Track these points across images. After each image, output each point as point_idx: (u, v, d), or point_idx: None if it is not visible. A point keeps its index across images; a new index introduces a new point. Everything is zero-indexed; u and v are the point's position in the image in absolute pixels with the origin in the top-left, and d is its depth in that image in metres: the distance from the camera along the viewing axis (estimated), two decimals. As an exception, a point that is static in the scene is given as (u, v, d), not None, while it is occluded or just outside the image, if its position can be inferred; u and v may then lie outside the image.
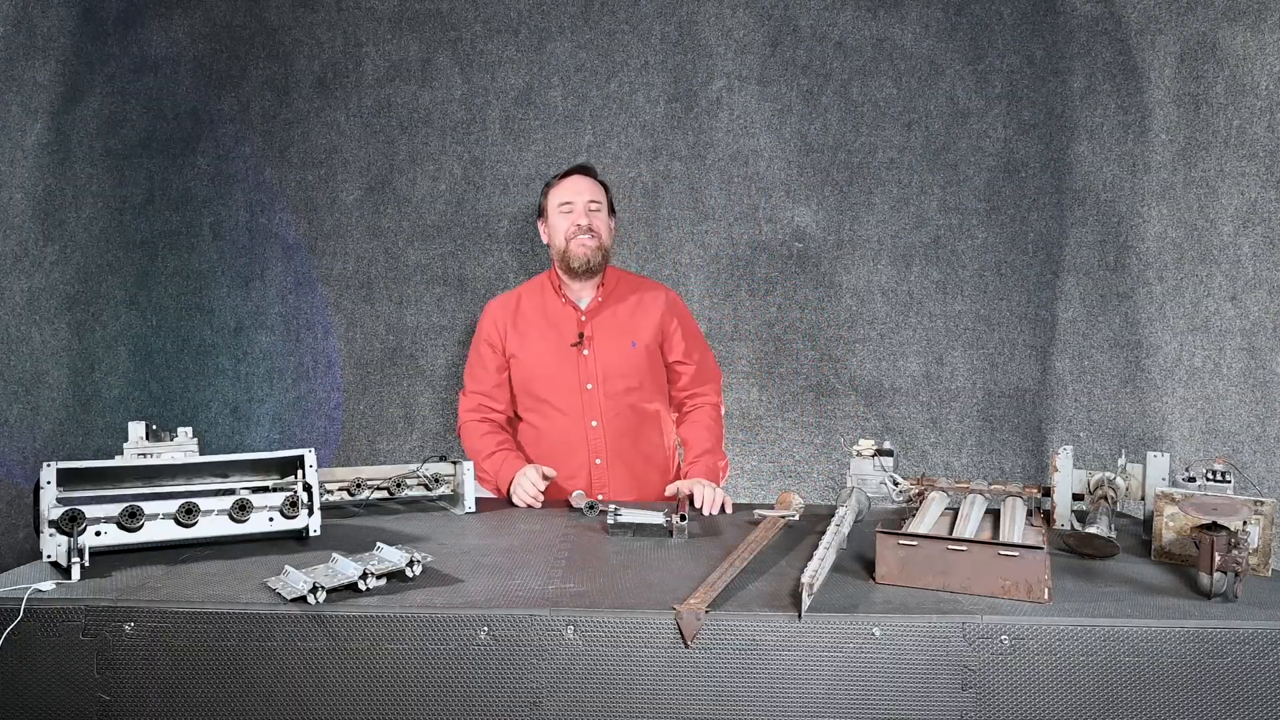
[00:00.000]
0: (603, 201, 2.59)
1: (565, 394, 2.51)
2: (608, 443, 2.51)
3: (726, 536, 1.95)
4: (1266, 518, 1.72)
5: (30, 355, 2.83)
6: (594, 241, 2.52)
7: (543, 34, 3.28)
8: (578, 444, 2.51)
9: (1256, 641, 1.45)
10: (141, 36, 3.17)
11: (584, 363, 2.52)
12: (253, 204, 3.31)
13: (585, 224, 2.51)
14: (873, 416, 3.29)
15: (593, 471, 2.50)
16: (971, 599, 1.56)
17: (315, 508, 1.88)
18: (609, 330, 2.55)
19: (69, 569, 1.61)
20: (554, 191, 2.60)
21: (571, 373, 2.51)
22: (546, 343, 2.54)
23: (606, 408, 2.50)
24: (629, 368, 2.52)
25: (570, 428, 2.51)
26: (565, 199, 2.55)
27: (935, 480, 2.13)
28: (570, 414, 2.51)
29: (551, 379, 2.52)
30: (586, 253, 2.51)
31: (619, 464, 2.52)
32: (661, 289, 2.66)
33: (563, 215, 2.55)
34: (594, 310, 2.56)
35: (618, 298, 2.59)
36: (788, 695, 1.47)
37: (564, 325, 2.55)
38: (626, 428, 2.52)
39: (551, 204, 2.59)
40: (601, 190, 2.61)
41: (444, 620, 1.49)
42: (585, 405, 2.51)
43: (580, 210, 2.53)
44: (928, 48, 3.21)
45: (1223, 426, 2.90)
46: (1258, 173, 2.82)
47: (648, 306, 2.59)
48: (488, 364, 2.59)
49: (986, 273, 3.23)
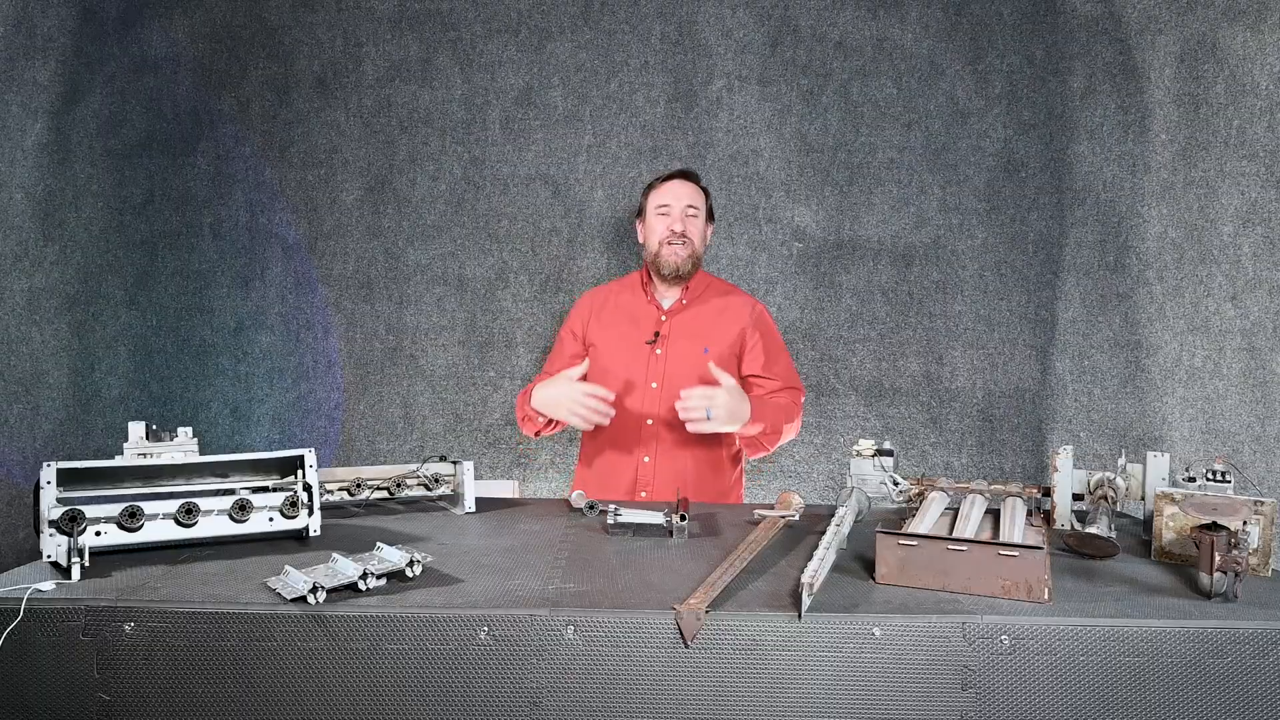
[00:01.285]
0: (700, 207, 2.61)
1: (630, 389, 2.53)
2: (659, 442, 2.52)
3: (726, 536, 1.95)
4: (1266, 518, 1.72)
5: (30, 355, 2.83)
6: (686, 249, 2.55)
7: (543, 34, 3.28)
8: (630, 439, 2.53)
9: (1256, 641, 1.45)
10: (141, 36, 3.17)
11: (654, 361, 2.54)
12: (253, 204, 3.31)
13: (680, 230, 2.54)
14: (873, 416, 3.29)
15: (639, 468, 2.51)
16: (971, 599, 1.55)
17: (315, 508, 1.88)
18: (685, 332, 2.57)
19: (69, 569, 1.61)
20: (654, 194, 2.63)
21: (641, 369, 2.53)
22: (624, 336, 2.58)
23: (665, 408, 2.50)
24: (697, 372, 2.50)
25: (626, 422, 2.52)
26: (663, 202, 2.58)
27: (935, 480, 2.13)
28: (630, 409, 2.53)
29: (621, 372, 2.54)
30: (678, 260, 2.54)
31: (666, 464, 2.52)
32: (749, 299, 2.66)
33: (659, 218, 2.57)
34: (675, 311, 2.59)
35: (702, 301, 2.60)
36: (788, 695, 1.47)
37: (645, 322, 2.59)
38: (681, 432, 2.50)
39: (650, 206, 2.62)
40: (701, 196, 2.63)
41: (444, 620, 1.49)
42: (645, 402, 2.52)
43: (677, 215, 2.55)
44: (928, 48, 3.21)
45: (1223, 426, 2.90)
46: (1258, 173, 2.82)
47: (730, 314, 2.59)
48: (565, 349, 2.64)
49: (986, 273, 3.23)
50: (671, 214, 2.55)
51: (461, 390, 3.36)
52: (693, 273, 2.58)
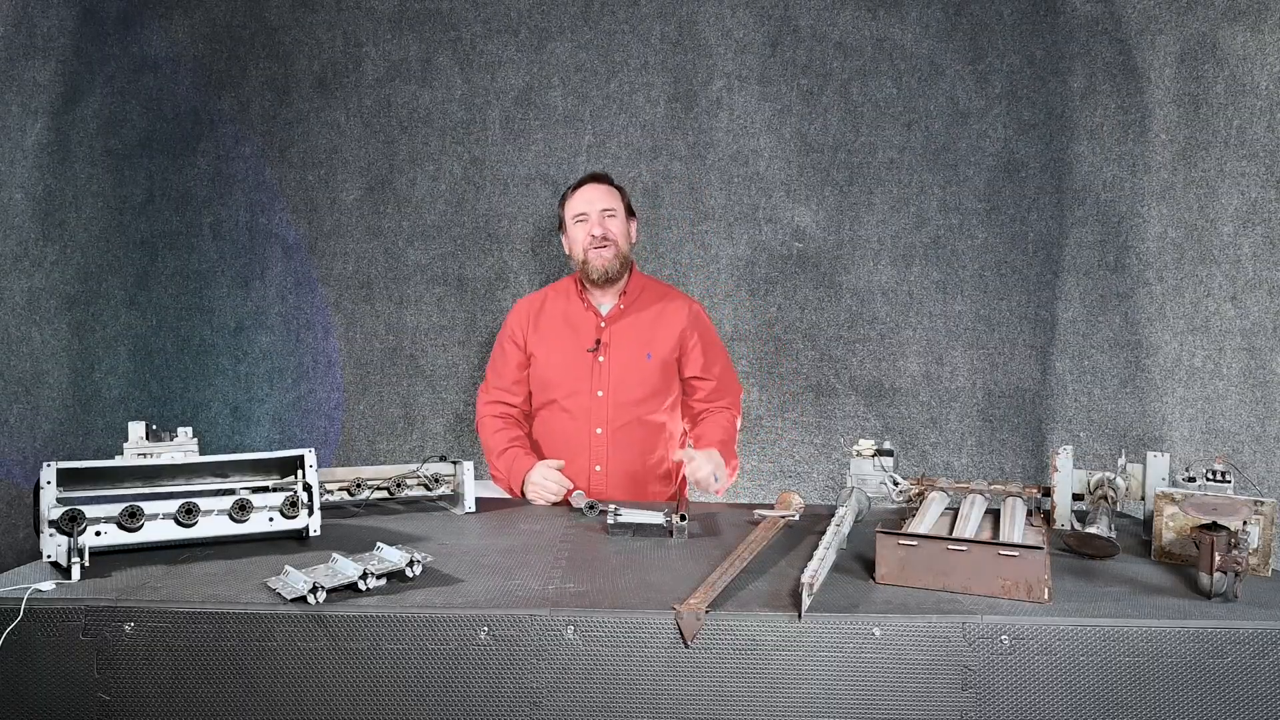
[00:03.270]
0: (618, 207, 2.59)
1: (575, 398, 2.52)
2: (610, 451, 2.51)
3: (726, 536, 1.95)
4: (1266, 518, 1.72)
5: (30, 355, 2.83)
6: (610, 251, 2.53)
7: (543, 34, 3.28)
8: (580, 449, 2.51)
9: (1256, 641, 1.45)
10: (141, 36, 3.17)
11: (598, 370, 2.52)
12: (253, 204, 3.31)
13: (600, 234, 2.52)
14: (873, 416, 3.29)
15: (591, 478, 2.50)
16: (971, 599, 1.56)
17: (315, 508, 1.88)
18: (626, 339, 2.55)
19: (69, 569, 1.61)
20: (568, 203, 2.61)
21: (585, 378, 2.52)
22: (564, 346, 2.55)
23: (614, 416, 2.50)
24: (641, 378, 2.52)
25: (575, 432, 2.52)
26: (579, 210, 2.57)
27: (935, 480, 2.13)
28: (578, 418, 2.52)
29: (564, 383, 2.53)
30: (604, 263, 2.53)
31: (619, 472, 2.51)
32: (685, 301, 2.65)
33: (578, 226, 2.56)
34: (614, 318, 2.57)
35: (640, 306, 2.58)
36: (788, 695, 1.47)
37: (584, 330, 2.56)
38: (631, 438, 2.51)
39: (567, 216, 2.61)
40: (616, 196, 2.61)
41: (444, 620, 1.49)
42: (593, 411, 2.51)
43: (595, 220, 2.54)
44: (928, 48, 3.21)
45: (1223, 426, 2.90)
46: (1258, 173, 2.82)
47: (669, 318, 2.58)
48: (509, 360, 2.60)
49: (986, 273, 3.23)
50: (590, 219, 2.54)
51: (461, 390, 3.36)
52: (622, 272, 2.56)
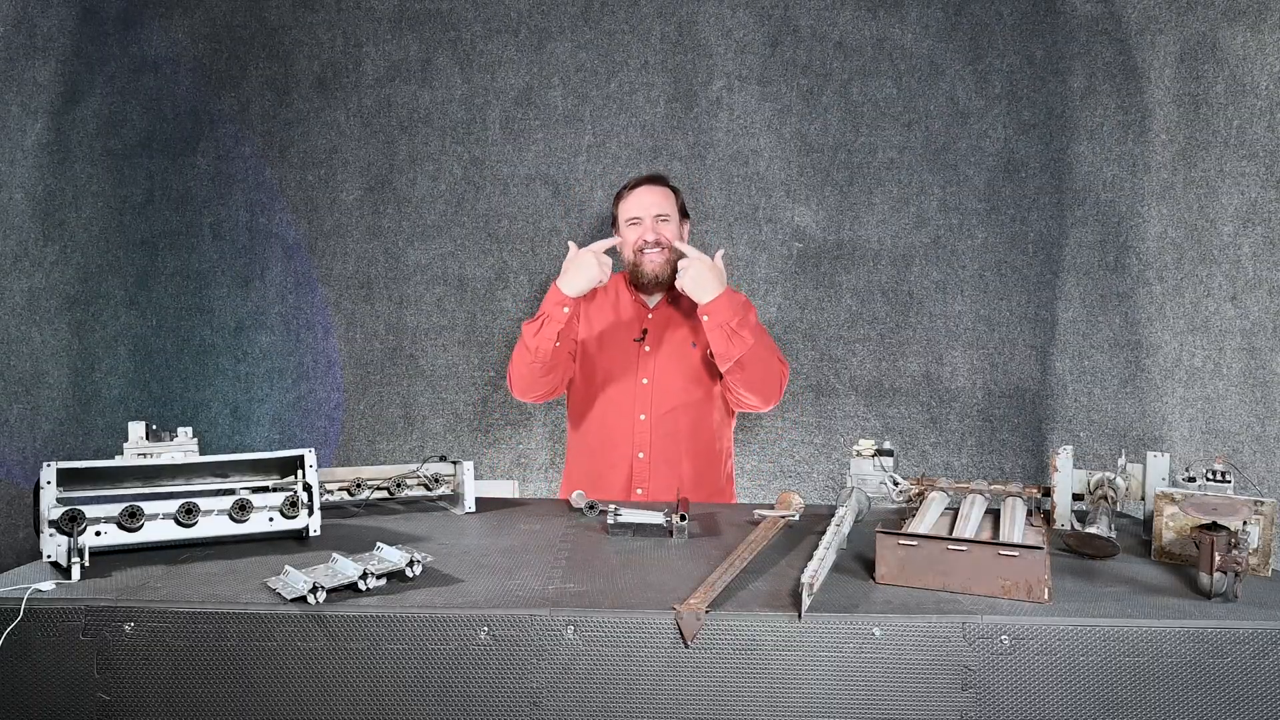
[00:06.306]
0: (672, 212, 2.60)
1: (620, 386, 2.54)
2: (653, 439, 2.52)
3: (726, 536, 1.95)
4: (1266, 518, 1.72)
5: (30, 355, 2.83)
6: (662, 256, 2.55)
7: (543, 34, 3.28)
8: (623, 437, 2.53)
9: (1256, 641, 1.45)
10: (141, 36, 3.17)
11: (644, 358, 2.55)
12: (253, 204, 3.31)
13: (652, 239, 2.54)
14: (873, 416, 3.29)
15: (634, 465, 2.53)
16: (971, 599, 1.55)
17: (315, 508, 1.88)
18: (672, 328, 2.58)
19: (69, 569, 1.61)
20: (622, 205, 2.63)
21: (630, 366, 2.55)
22: (611, 332, 2.59)
23: (658, 404, 2.53)
24: (686, 366, 2.55)
25: (619, 420, 2.54)
26: (632, 214, 2.58)
27: (935, 480, 2.13)
28: (621, 406, 2.54)
29: (610, 370, 2.56)
30: (655, 267, 2.56)
31: (662, 461, 2.53)
32: None
33: (631, 228, 2.58)
34: (660, 307, 2.61)
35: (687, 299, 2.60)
36: (788, 695, 1.47)
37: (631, 319, 2.60)
38: (674, 426, 2.53)
39: (621, 217, 2.63)
40: (670, 199, 2.62)
41: (444, 620, 1.49)
42: (637, 399, 2.53)
43: (647, 225, 2.55)
44: (928, 48, 3.21)
45: (1223, 426, 2.90)
46: (1258, 173, 2.82)
47: None
48: None
49: (986, 273, 3.23)
50: (643, 223, 2.56)
51: (461, 390, 3.36)
52: (673, 276, 2.56)
